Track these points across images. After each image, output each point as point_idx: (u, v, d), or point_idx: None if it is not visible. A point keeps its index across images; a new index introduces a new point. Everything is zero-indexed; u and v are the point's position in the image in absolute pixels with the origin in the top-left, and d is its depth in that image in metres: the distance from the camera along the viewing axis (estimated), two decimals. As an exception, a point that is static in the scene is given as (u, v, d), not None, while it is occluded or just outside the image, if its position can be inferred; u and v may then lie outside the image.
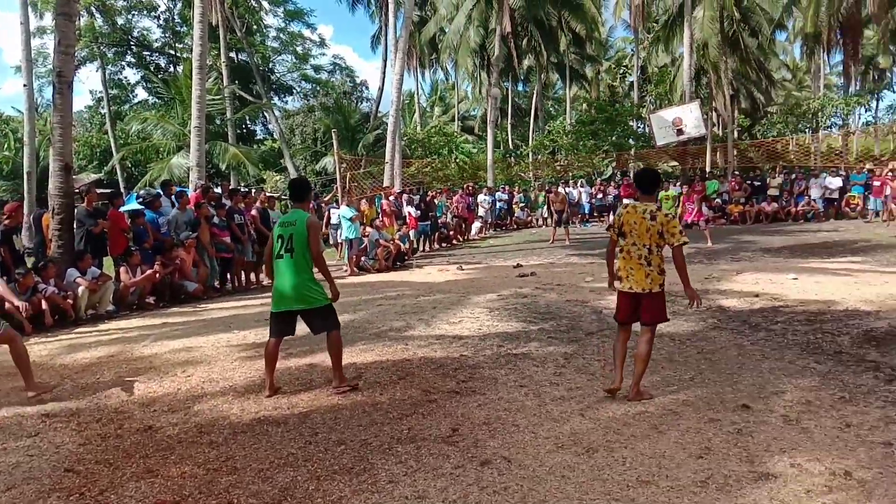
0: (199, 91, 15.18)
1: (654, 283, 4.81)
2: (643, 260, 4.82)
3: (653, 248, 4.80)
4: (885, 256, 12.56)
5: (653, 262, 4.80)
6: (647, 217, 4.80)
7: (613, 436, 4.18)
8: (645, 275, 4.82)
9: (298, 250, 5.18)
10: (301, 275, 5.19)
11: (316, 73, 45.90)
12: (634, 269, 4.86)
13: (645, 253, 4.81)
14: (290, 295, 5.22)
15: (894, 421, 4.25)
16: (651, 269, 4.80)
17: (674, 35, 30.84)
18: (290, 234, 5.22)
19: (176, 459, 4.07)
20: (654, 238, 4.77)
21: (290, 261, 5.20)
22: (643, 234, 4.80)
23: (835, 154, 29.80)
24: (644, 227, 4.79)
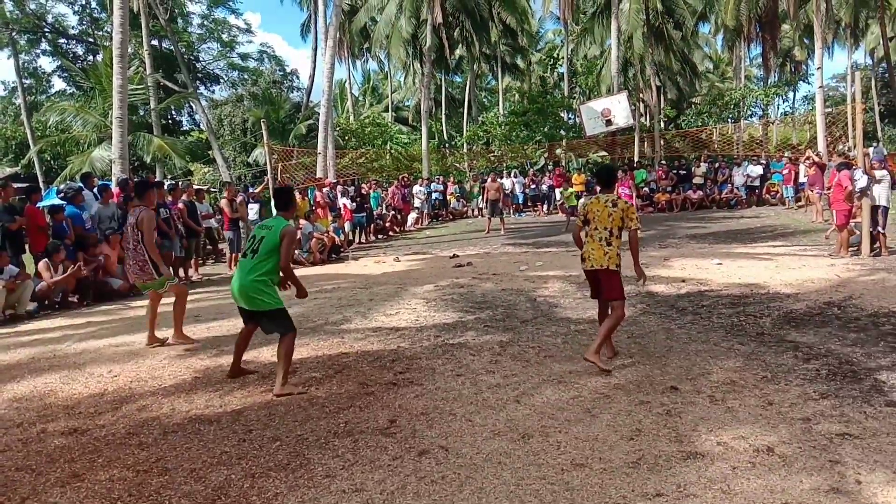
0: (120, 80, 14.58)
1: (611, 261, 5.39)
2: (603, 242, 5.43)
3: (613, 231, 5.41)
4: (803, 241, 13.20)
5: (612, 243, 5.41)
6: (608, 205, 5.45)
7: (548, 421, 4.26)
8: (604, 253, 5.40)
9: (262, 253, 5.10)
10: (252, 277, 5.08)
11: (243, 62, 44.79)
12: (595, 249, 5.45)
13: (606, 235, 5.42)
14: (237, 294, 5.21)
15: (812, 398, 4.48)
16: (610, 248, 5.41)
17: (601, 27, 31.44)
18: (262, 238, 5.15)
19: (103, 462, 3.93)
20: (615, 222, 5.40)
21: (249, 262, 5.14)
22: (605, 219, 5.42)
23: (755, 143, 31.05)
24: (606, 214, 5.42)
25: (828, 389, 4.61)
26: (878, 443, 3.72)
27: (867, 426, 3.97)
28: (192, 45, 41.07)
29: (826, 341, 5.84)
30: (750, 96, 35.84)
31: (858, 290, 7.92)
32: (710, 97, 39.03)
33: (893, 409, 4.21)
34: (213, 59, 43.79)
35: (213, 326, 7.66)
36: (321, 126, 21.65)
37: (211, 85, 43.88)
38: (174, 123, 41.70)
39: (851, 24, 35.69)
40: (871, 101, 44.68)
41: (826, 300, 7.44)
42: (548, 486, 3.38)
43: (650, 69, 31.19)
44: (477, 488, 3.39)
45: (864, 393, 4.52)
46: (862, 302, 7.27)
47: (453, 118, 46.32)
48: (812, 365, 5.19)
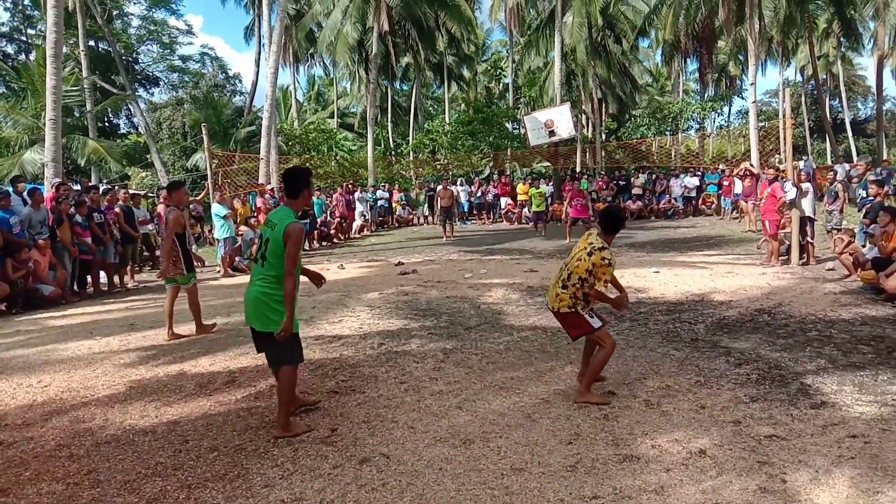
0: (54, 81, 14.09)
1: (563, 304, 4.82)
2: (560, 283, 4.87)
3: (572, 277, 4.78)
4: (737, 250, 13.68)
5: (568, 286, 4.79)
6: (586, 248, 4.80)
7: (489, 426, 4.30)
8: (556, 294, 4.88)
9: (271, 261, 4.26)
10: (265, 290, 4.26)
11: (184, 64, 43.81)
12: (553, 287, 4.97)
13: (564, 277, 4.85)
14: (248, 309, 4.37)
15: (743, 401, 4.64)
16: (563, 291, 4.82)
17: (545, 39, 31.97)
18: (268, 239, 4.31)
19: (31, 476, 3.78)
20: (580, 270, 4.75)
21: (260, 270, 4.33)
22: (573, 260, 4.85)
23: (692, 155, 32.02)
24: (577, 255, 4.83)
25: (757, 393, 4.79)
26: (803, 443, 3.89)
27: (793, 428, 4.13)
28: (130, 46, 40.00)
29: (756, 347, 6.06)
30: (687, 110, 36.95)
31: (787, 297, 8.25)
32: (649, 110, 40.09)
33: (817, 411, 4.40)
34: (153, 61, 42.73)
35: (148, 335, 7.45)
36: (264, 131, 21.34)
37: (150, 87, 42.79)
38: (111, 126, 40.47)
39: (783, 43, 37.21)
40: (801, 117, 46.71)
41: (757, 307, 7.73)
42: (488, 491, 3.41)
43: (592, 82, 31.86)
44: (418, 495, 3.40)
45: (790, 396, 4.71)
46: (791, 309, 7.58)
47: (399, 126, 46.30)
48: (743, 370, 5.38)
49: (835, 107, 52.49)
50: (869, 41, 40.78)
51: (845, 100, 49.04)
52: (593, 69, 31.38)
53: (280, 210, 4.52)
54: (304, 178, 4.53)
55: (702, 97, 41.41)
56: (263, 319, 4.26)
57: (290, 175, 4.56)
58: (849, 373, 5.21)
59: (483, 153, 32.00)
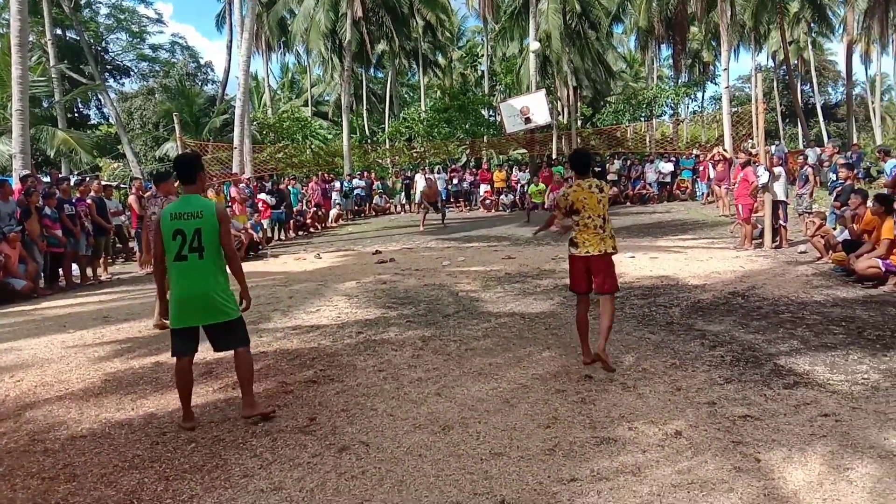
0: (19, 70, 13.78)
1: (609, 244, 5.18)
2: (599, 229, 5.18)
3: (605, 217, 5.21)
4: (711, 234, 13.84)
5: (606, 228, 5.20)
6: (595, 191, 5.22)
7: (468, 412, 4.32)
8: (600, 239, 5.16)
9: (210, 249, 4.14)
10: (213, 283, 4.17)
11: (154, 53, 43.07)
12: (591, 236, 5.18)
13: (599, 223, 5.18)
14: (199, 307, 4.18)
15: (717, 383, 4.71)
16: (605, 234, 5.19)
17: (520, 26, 31.94)
18: (197, 229, 4.12)
19: (5, 472, 3.72)
20: (606, 207, 5.23)
21: (200, 263, 4.14)
22: (595, 206, 5.18)
23: (667, 141, 32.27)
24: (595, 200, 5.19)
25: (732, 374, 4.86)
26: (776, 423, 3.96)
27: (767, 408, 4.20)
28: (99, 35, 39.19)
29: (731, 329, 6.15)
30: (661, 96, 37.20)
31: (761, 280, 8.37)
32: (624, 96, 40.27)
33: (790, 391, 4.47)
34: (123, 51, 41.95)
35: (123, 328, 7.35)
36: (237, 120, 21.10)
37: (120, 77, 41.98)
38: (81, 117, 39.72)
39: (755, 29, 37.59)
40: (773, 102, 47.27)
41: (731, 290, 7.83)
42: (467, 476, 3.43)
43: (567, 68, 31.90)
44: (397, 481, 3.41)
45: (764, 377, 4.79)
46: (764, 291, 7.69)
47: (375, 114, 46.05)
48: (717, 352, 5.46)
49: (806, 92, 53.25)
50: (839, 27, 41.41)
51: (816, 85, 49.74)
52: (568, 56, 31.41)
53: (189, 198, 4.26)
54: (196, 162, 4.50)
55: (675, 83, 41.73)
56: (218, 312, 4.21)
57: (182, 162, 4.45)
58: (820, 353, 5.31)
59: (459, 141, 31.94)
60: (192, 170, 4.35)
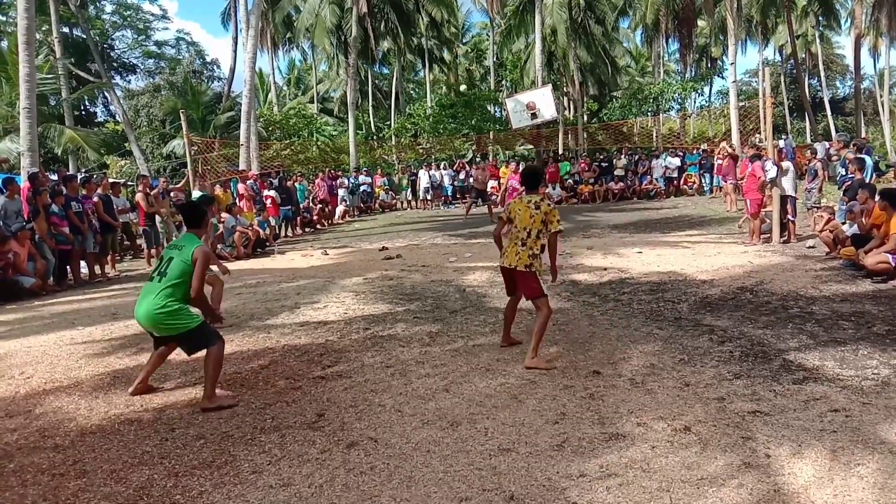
0: (27, 69, 13.83)
1: (521, 262, 5.28)
2: (519, 242, 5.32)
3: (531, 233, 5.30)
4: (719, 229, 13.78)
5: (528, 244, 5.29)
6: (531, 207, 5.35)
7: (476, 408, 4.31)
8: (515, 254, 5.31)
9: (171, 277, 4.57)
10: (159, 303, 4.54)
11: (160, 50, 43.11)
12: (510, 248, 5.39)
13: (523, 237, 5.31)
14: (144, 323, 4.66)
15: (726, 378, 4.69)
16: (523, 249, 5.29)
17: (527, 21, 31.84)
18: (171, 259, 4.64)
19: (15, 468, 3.74)
20: (536, 225, 5.30)
21: (156, 286, 4.59)
22: (526, 220, 5.33)
23: (674, 136, 32.15)
24: (528, 215, 5.32)
25: (741, 370, 4.84)
26: (786, 419, 3.94)
27: (776, 403, 4.19)
28: (105, 32, 39.27)
29: (739, 324, 6.12)
30: (668, 90, 37.01)
31: (769, 275, 8.33)
32: (630, 91, 40.10)
33: (800, 387, 4.45)
34: (129, 48, 42.01)
35: (131, 324, 7.34)
36: (243, 116, 21.12)
37: (127, 74, 42.05)
38: (88, 114, 39.78)
39: (762, 23, 37.40)
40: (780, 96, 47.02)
41: (739, 285, 7.80)
42: (476, 472, 3.42)
43: (573, 63, 31.80)
44: (406, 477, 3.41)
45: (773, 372, 4.77)
46: (772, 287, 7.66)
47: (381, 110, 46.03)
48: (726, 347, 5.44)
49: (814, 85, 52.88)
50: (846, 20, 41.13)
51: (824, 79, 49.44)
52: (574, 51, 31.30)
53: (186, 236, 4.85)
54: (205, 209, 5.09)
55: (682, 78, 41.54)
56: (168, 329, 4.63)
57: (191, 208, 5.08)
58: (830, 348, 5.28)
59: (466, 136, 31.88)
60: (200, 216, 4.98)
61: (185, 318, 4.62)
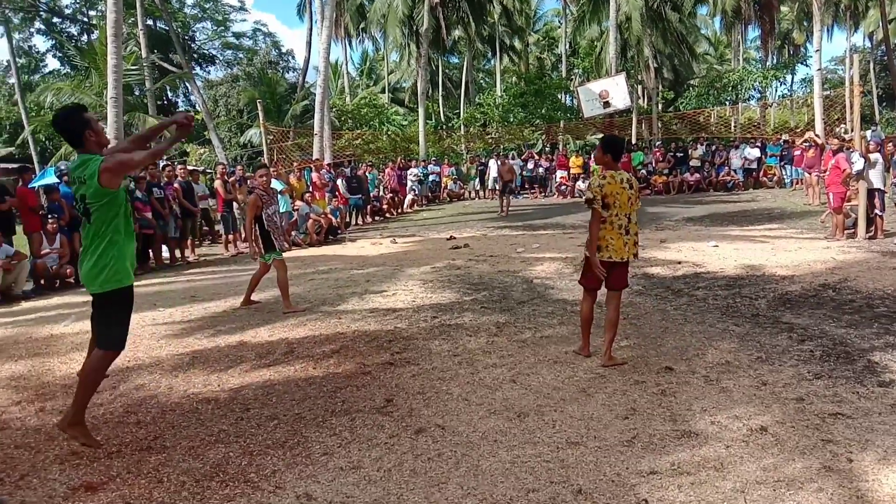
0: (115, 60, 14.47)
1: (631, 251, 4.91)
2: (623, 230, 4.83)
3: (631, 217, 4.86)
4: (800, 223, 13.23)
5: (630, 230, 4.87)
6: (626, 186, 4.82)
7: (544, 400, 4.29)
8: (623, 243, 4.85)
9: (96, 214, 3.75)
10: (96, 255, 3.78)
11: (237, 41, 44.41)
12: (615, 238, 4.84)
13: (624, 222, 4.83)
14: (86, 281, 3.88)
15: (806, 378, 4.51)
16: (629, 238, 4.86)
17: (600, 8, 31.21)
18: (83, 195, 3.73)
19: (102, 440, 3.94)
20: (634, 206, 4.88)
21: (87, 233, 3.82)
22: (625, 203, 4.82)
23: (753, 126, 30.96)
24: (625, 197, 4.81)
25: (821, 370, 4.65)
26: (870, 422, 3.76)
27: (859, 406, 4.00)
28: (186, 24, 40.71)
29: (820, 323, 5.87)
30: (748, 79, 35.67)
31: (853, 272, 7.95)
32: (707, 79, 38.85)
33: (885, 390, 4.24)
34: (208, 39, 43.43)
35: (209, 307, 7.66)
36: (317, 107, 21.51)
37: (206, 65, 43.60)
38: (169, 104, 41.42)
39: (851, 7, 35.50)
40: (869, 84, 44.57)
41: (821, 282, 7.47)
42: (543, 464, 3.41)
43: (648, 51, 31.01)
44: (473, 465, 3.43)
45: (857, 373, 4.56)
46: (857, 284, 7.30)
47: (450, 100, 46.09)
48: (806, 346, 5.23)
49: (906, 73, 49.89)
50: (946, 2, 38.52)
51: (919, 65, 46.56)
52: (649, 38, 30.51)
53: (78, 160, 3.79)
54: (80, 117, 3.78)
55: (763, 66, 39.92)
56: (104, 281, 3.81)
57: (61, 125, 3.80)
58: (920, 350, 5.00)
59: (535, 126, 31.59)
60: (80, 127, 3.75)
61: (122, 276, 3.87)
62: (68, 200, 10.48)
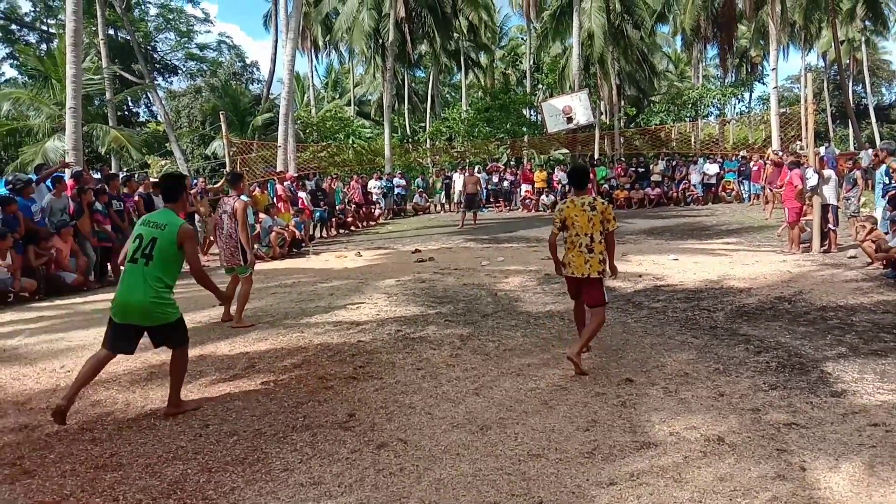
0: (74, 69, 14.21)
1: (593, 269, 5.19)
2: (584, 249, 5.19)
3: (594, 237, 5.18)
4: (757, 237, 13.54)
5: (594, 249, 5.17)
6: (587, 209, 5.21)
7: (506, 413, 4.31)
8: (584, 261, 5.18)
9: (158, 260, 4.36)
10: (153, 292, 4.34)
11: (201, 52, 44.01)
12: (576, 257, 5.22)
13: (587, 242, 5.18)
14: (135, 310, 4.37)
15: (762, 389, 4.61)
16: (591, 256, 5.17)
17: (564, 25, 31.70)
18: (153, 239, 4.39)
19: (55, 459, 3.85)
20: (595, 227, 5.18)
21: (143, 269, 4.36)
22: (585, 225, 5.19)
23: (712, 142, 31.65)
24: (585, 219, 5.19)
25: (777, 381, 4.76)
26: (823, 431, 3.86)
27: (813, 416, 4.10)
28: (149, 35, 40.21)
29: (776, 334, 6.01)
30: (707, 96, 36.55)
31: (808, 285, 8.16)
32: (668, 96, 39.67)
33: (838, 400, 4.36)
34: (171, 50, 42.96)
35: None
36: (281, 119, 21.40)
37: (169, 76, 43.11)
38: (131, 115, 40.83)
39: (805, 27, 36.63)
40: (823, 103, 45.98)
41: (777, 295, 7.65)
42: (505, 477, 3.42)
43: (611, 68, 31.55)
44: (435, 479, 3.42)
45: (811, 384, 4.67)
46: (811, 297, 7.50)
47: (416, 113, 46.23)
48: (762, 357, 5.34)
49: (858, 92, 51.64)
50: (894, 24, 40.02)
51: (869, 85, 48.26)
52: (612, 55, 31.06)
53: (163, 212, 4.61)
54: (182, 183, 4.84)
55: (722, 83, 40.91)
56: (156, 317, 4.41)
57: (169, 180, 4.81)
58: (870, 361, 5.15)
59: (500, 140, 31.85)
60: (177, 190, 4.75)
61: (174, 307, 4.51)
62: (26, 213, 10.21)
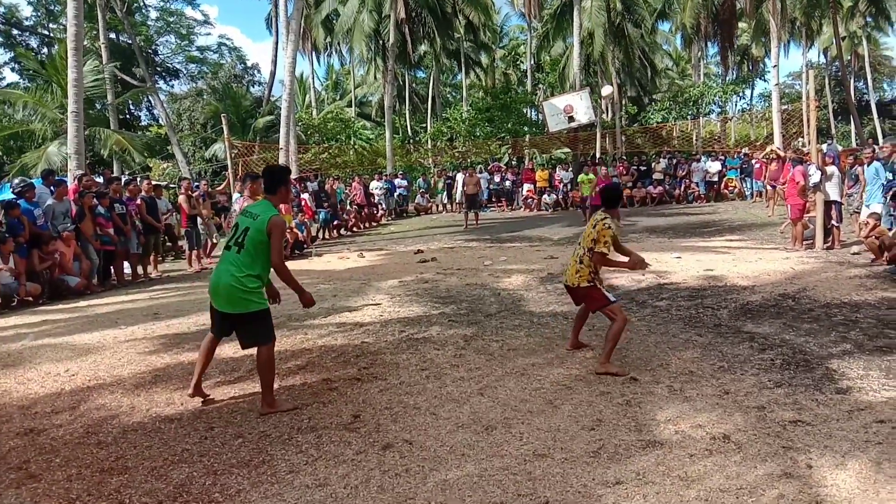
0: (75, 73, 14.23)
1: (582, 279, 5.31)
2: (577, 259, 5.37)
3: (585, 251, 5.33)
4: (760, 234, 13.51)
5: (584, 261, 5.31)
6: (592, 223, 5.42)
7: (511, 412, 4.31)
8: (575, 271, 5.35)
9: (248, 248, 4.42)
10: (238, 276, 4.39)
11: (202, 55, 44.06)
12: (571, 265, 5.46)
13: (581, 253, 5.36)
14: (221, 294, 4.46)
15: (767, 386, 4.60)
16: (581, 266, 5.31)
17: (565, 24, 31.68)
18: (246, 228, 4.47)
19: (61, 462, 3.86)
20: (588, 241, 5.33)
21: (233, 256, 4.46)
22: (585, 238, 5.40)
23: (714, 139, 31.64)
24: (587, 233, 5.40)
25: (782, 378, 4.75)
26: (829, 428, 3.85)
27: (818, 413, 4.09)
28: (150, 38, 40.27)
29: (781, 332, 6.00)
30: (709, 93, 36.47)
31: (812, 282, 8.14)
32: (669, 94, 39.62)
33: (843, 397, 4.35)
34: (172, 53, 43.03)
35: (172, 324, 7.53)
36: (283, 121, 21.40)
37: (170, 79, 43.15)
38: (132, 118, 40.88)
39: (806, 24, 36.57)
40: (824, 99, 45.91)
41: (781, 292, 7.64)
42: (510, 477, 3.42)
43: (612, 67, 31.54)
44: (441, 480, 3.42)
45: (815, 381, 4.67)
46: (815, 293, 7.48)
47: (417, 114, 46.22)
48: (767, 355, 5.33)
49: (860, 88, 51.55)
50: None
51: (871, 81, 48.16)
52: (612, 53, 31.04)
53: (261, 203, 4.67)
54: (283, 176, 4.83)
55: (723, 80, 40.86)
56: (237, 303, 4.44)
57: (270, 172, 4.86)
58: (875, 357, 5.14)
59: (502, 140, 31.84)
60: (277, 182, 4.73)
61: (259, 298, 4.50)
62: (29, 217, 10.23)
